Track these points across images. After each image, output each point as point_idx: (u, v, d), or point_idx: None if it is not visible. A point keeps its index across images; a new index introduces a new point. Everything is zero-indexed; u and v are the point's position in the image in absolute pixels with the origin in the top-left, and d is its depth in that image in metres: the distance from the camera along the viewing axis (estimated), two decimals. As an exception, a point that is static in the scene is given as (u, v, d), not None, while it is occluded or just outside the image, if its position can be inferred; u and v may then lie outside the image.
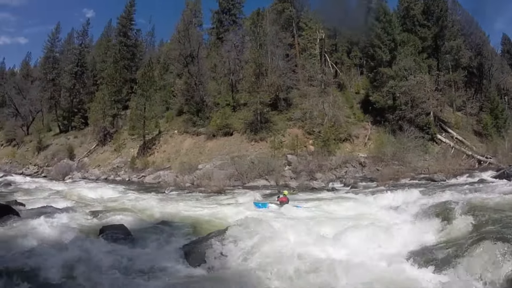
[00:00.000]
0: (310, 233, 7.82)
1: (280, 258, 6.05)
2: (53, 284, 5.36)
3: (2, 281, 5.22)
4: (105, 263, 6.18)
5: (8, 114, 59.84)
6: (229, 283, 5.48)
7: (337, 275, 5.46)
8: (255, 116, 30.37)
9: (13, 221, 9.67)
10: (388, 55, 30.33)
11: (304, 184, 21.25)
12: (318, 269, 5.66)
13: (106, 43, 56.59)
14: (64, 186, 24.60)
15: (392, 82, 29.03)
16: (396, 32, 31.27)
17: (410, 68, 29.25)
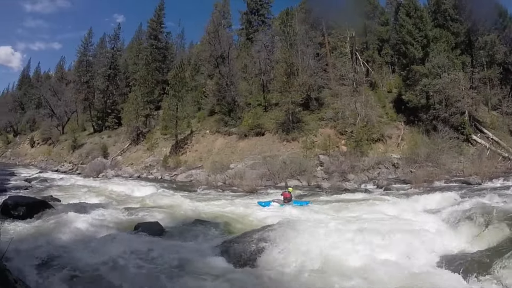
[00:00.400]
0: (345, 235, 7.75)
1: (314, 258, 6.19)
2: (90, 275, 5.58)
3: (42, 271, 5.48)
4: (141, 258, 6.41)
5: (44, 115, 62.90)
6: (266, 281, 5.60)
7: (368, 277, 5.52)
8: (286, 116, 30.19)
9: (49, 216, 10.12)
10: (420, 52, 29.45)
11: (337, 185, 20.91)
12: (351, 271, 5.75)
13: (138, 46, 57.95)
14: (98, 183, 25.13)
15: (425, 80, 28.09)
16: (428, 28, 30.29)
17: (444, 65, 28.23)
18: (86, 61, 56.05)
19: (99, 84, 52.44)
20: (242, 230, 8.78)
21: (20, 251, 6.06)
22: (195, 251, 7.21)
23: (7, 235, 5.58)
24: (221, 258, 6.78)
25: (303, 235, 7.14)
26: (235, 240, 7.56)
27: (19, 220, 9.22)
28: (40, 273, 5.42)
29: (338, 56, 36.36)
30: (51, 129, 58.57)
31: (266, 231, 7.32)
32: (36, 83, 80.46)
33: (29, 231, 8.42)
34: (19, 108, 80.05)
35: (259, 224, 9.36)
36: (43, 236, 7.90)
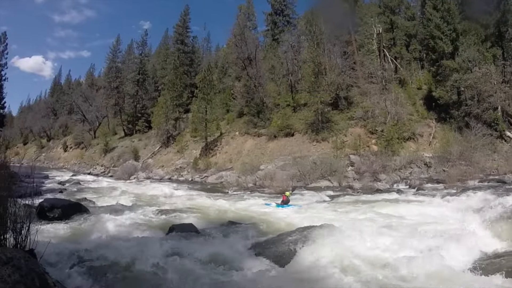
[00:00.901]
0: (379, 236, 7.58)
1: (351, 260, 6.07)
2: (127, 277, 5.60)
3: (79, 273, 5.45)
4: (177, 260, 6.35)
5: (76, 120, 64.90)
6: (302, 283, 5.53)
7: (403, 278, 5.45)
8: (316, 116, 30.01)
9: (84, 217, 10.17)
10: (449, 46, 28.55)
11: (368, 185, 20.58)
12: (385, 272, 5.67)
13: (165, 51, 59.42)
14: (130, 185, 25.36)
15: (456, 76, 27.19)
16: (456, 21, 29.29)
17: (474, 59, 27.28)
18: (115, 67, 57.81)
19: (128, 89, 53.86)
20: (276, 232, 8.64)
21: (56, 253, 6.07)
22: (230, 252, 7.01)
23: (44, 237, 5.43)
24: (257, 259, 6.62)
25: (338, 236, 6.99)
26: (270, 241, 7.43)
27: (55, 222, 9.25)
28: (77, 275, 5.47)
29: (366, 53, 35.75)
30: (83, 134, 60.46)
31: (301, 233, 7.13)
32: (68, 90, 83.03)
33: (65, 233, 8.53)
34: (52, 114, 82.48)
35: (293, 226, 9.23)
36: (79, 237, 8.03)
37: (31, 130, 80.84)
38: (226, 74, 46.74)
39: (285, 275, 5.82)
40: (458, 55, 28.07)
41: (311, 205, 14.58)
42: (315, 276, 5.67)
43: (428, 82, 32.72)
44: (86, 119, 61.03)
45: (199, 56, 60.19)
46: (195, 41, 59.97)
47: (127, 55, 60.08)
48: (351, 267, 5.81)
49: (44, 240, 5.27)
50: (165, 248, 6.93)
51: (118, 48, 60.01)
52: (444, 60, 28.82)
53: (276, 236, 7.71)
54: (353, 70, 35.21)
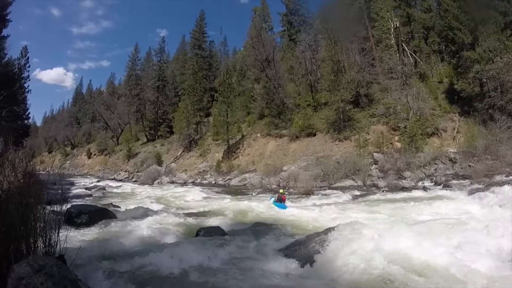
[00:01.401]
0: (408, 236, 7.12)
1: (381, 261, 5.90)
2: (157, 282, 5.59)
3: (109, 279, 5.45)
4: (206, 263, 6.35)
5: (99, 128, 66.30)
6: (332, 284, 5.44)
7: (433, 279, 5.30)
8: (337, 115, 29.82)
9: (111, 223, 10.16)
10: (469, 37, 27.86)
11: (393, 184, 20.11)
12: (422, 275, 5.45)
13: (183, 57, 60.25)
14: (154, 190, 25.69)
15: (477, 67, 26.47)
16: (474, 10, 28.35)
17: (495, 48, 26.46)
18: (135, 75, 58.85)
19: (149, 96, 54.87)
20: (304, 232, 8.44)
21: (85, 258, 6.00)
22: (259, 254, 6.92)
23: (72, 243, 5.42)
24: (286, 261, 6.44)
25: (367, 236, 6.75)
26: (298, 242, 7.18)
27: (83, 228, 9.33)
28: (106, 281, 5.44)
29: (384, 49, 35.07)
30: (106, 141, 61.89)
31: (329, 233, 6.89)
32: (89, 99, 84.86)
33: (93, 239, 8.50)
34: (75, 123, 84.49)
35: (320, 226, 9.02)
36: (107, 243, 7.97)
37: (56, 139, 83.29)
38: (245, 76, 47.00)
39: (314, 277, 5.78)
40: (478, 46, 27.27)
41: (337, 205, 14.38)
42: (346, 277, 5.59)
43: (449, 75, 32.14)
44: (109, 127, 62.48)
45: (217, 60, 60.87)
46: (212, 45, 60.77)
47: (146, 63, 61.11)
48: (381, 268, 5.70)
49: (73, 246, 5.36)
50: (193, 251, 6.89)
51: (136, 56, 61.09)
52: (464, 52, 28.09)
53: (304, 237, 7.55)
54: (372, 67, 34.66)
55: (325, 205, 14.49)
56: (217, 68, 57.03)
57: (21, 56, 31.69)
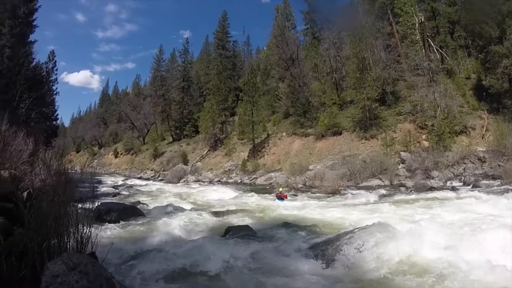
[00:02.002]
0: (441, 237, 6.96)
1: (412, 262, 5.86)
2: (185, 279, 5.62)
3: (141, 276, 5.51)
4: (235, 262, 6.31)
5: (125, 128, 67.55)
6: (360, 284, 5.40)
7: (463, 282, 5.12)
8: (363, 113, 29.58)
9: (140, 220, 10.34)
10: (496, 31, 26.83)
11: (420, 183, 19.65)
12: (454, 278, 5.29)
13: (207, 57, 60.90)
14: (181, 188, 25.86)
15: (506, 62, 25.70)
16: (501, 2, 27.23)
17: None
18: (160, 76, 60.00)
19: (174, 96, 55.80)
20: (332, 231, 8.34)
21: (115, 255, 6.07)
22: (288, 254, 6.82)
23: (102, 240, 5.49)
24: (316, 260, 6.41)
25: (397, 237, 6.58)
26: (328, 242, 7.04)
27: (112, 225, 9.34)
28: (137, 278, 5.49)
29: (409, 45, 34.47)
30: (132, 141, 63.05)
31: (358, 233, 6.75)
32: (116, 100, 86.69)
33: (123, 236, 8.56)
34: (102, 123, 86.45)
35: (348, 225, 8.89)
36: (137, 240, 8.04)
37: (83, 139, 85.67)
38: (269, 75, 47.04)
39: (344, 278, 5.72)
40: (506, 39, 26.34)
41: (364, 205, 14.16)
42: (375, 279, 5.53)
43: (477, 71, 31.28)
44: (135, 127, 63.65)
45: (240, 60, 61.58)
46: (235, 45, 61.42)
47: (170, 64, 61.90)
48: (412, 270, 5.65)
49: (103, 243, 5.45)
50: (223, 250, 6.84)
51: (161, 57, 62.22)
52: (492, 46, 27.23)
53: (332, 236, 7.45)
54: (398, 63, 34.14)
55: (352, 204, 14.41)
56: (241, 67, 57.65)
57: (48, 60, 32.76)
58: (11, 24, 23.11)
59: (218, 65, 49.27)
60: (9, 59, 21.85)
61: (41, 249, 4.00)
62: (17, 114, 17.65)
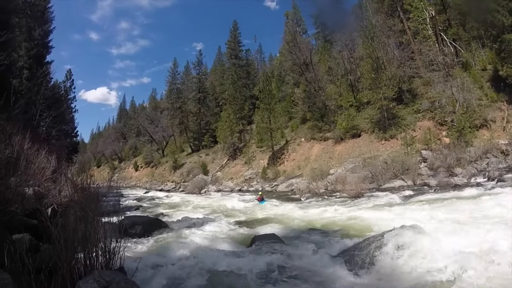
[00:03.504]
0: (478, 237, 6.70)
1: (446, 265, 5.63)
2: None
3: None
4: (264, 272, 6.24)
5: (144, 141, 68.62)
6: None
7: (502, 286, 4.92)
8: (381, 113, 29.37)
9: (165, 233, 10.25)
10: (509, 18, 26.08)
11: (444, 181, 19.45)
12: (490, 280, 5.11)
13: (221, 68, 61.76)
14: (202, 199, 26.05)
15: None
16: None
17: None
18: (176, 89, 60.79)
19: (191, 108, 56.54)
20: (359, 236, 8.32)
21: (144, 269, 5.98)
22: (317, 261, 6.71)
23: (129, 254, 5.54)
24: (344, 266, 6.29)
25: (428, 239, 6.39)
26: (356, 247, 6.98)
27: (137, 239, 9.30)
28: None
29: (422, 40, 33.88)
30: (152, 153, 64.02)
31: (388, 237, 6.60)
32: (133, 114, 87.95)
33: (148, 249, 8.51)
34: (121, 138, 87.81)
35: (375, 229, 8.85)
36: (162, 253, 7.90)
37: (103, 153, 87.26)
38: (284, 81, 47.37)
39: (375, 283, 5.67)
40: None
41: (389, 207, 13.88)
42: (407, 282, 5.43)
43: (493, 61, 30.24)
44: (154, 140, 64.57)
45: (254, 68, 62.40)
46: (248, 54, 62.12)
47: (185, 76, 63.05)
48: (445, 273, 5.47)
49: (130, 257, 5.49)
50: (251, 260, 6.85)
51: (176, 70, 63.10)
52: (505, 35, 26.53)
53: (361, 241, 7.34)
54: (412, 60, 33.68)
55: (377, 207, 14.26)
56: (255, 75, 58.24)
57: (66, 79, 33.71)
58: (28, 46, 23.79)
59: (233, 75, 49.89)
60: (28, 79, 22.47)
61: (70, 266, 4.04)
62: (38, 132, 18.06)
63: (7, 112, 13.16)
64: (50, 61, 26.65)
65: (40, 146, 10.68)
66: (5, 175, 5.82)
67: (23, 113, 17.71)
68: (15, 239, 4.74)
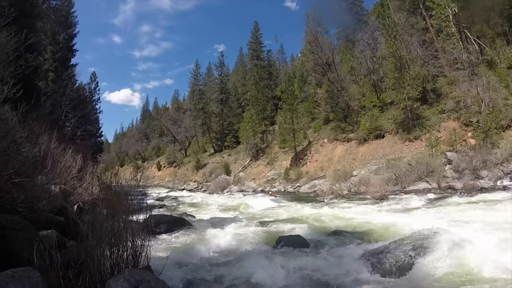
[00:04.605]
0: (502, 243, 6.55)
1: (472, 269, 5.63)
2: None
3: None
4: (289, 273, 6.20)
5: (167, 142, 69.86)
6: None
7: None
8: (405, 114, 28.85)
9: (189, 232, 10.31)
10: None
11: (470, 184, 19.02)
12: None
13: (242, 69, 62.30)
14: (225, 199, 26.06)
15: None
16: None
17: None
18: (198, 90, 61.49)
19: (213, 109, 57.34)
20: (385, 239, 8.07)
21: (170, 268, 5.95)
22: (343, 264, 6.60)
23: (155, 253, 5.53)
24: (373, 270, 6.19)
25: (459, 244, 6.33)
26: (383, 250, 6.83)
27: (162, 237, 9.38)
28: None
29: (446, 38, 33.13)
30: (174, 153, 65.07)
31: (415, 240, 6.55)
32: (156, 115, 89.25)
33: (174, 248, 8.48)
34: (144, 138, 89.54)
35: (401, 233, 8.56)
36: (188, 252, 7.94)
37: (127, 153, 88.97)
38: (306, 82, 47.25)
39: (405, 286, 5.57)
40: None
41: (414, 209, 13.78)
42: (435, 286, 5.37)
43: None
44: (177, 140, 65.65)
45: (276, 68, 62.78)
46: (269, 54, 62.59)
47: (207, 77, 63.48)
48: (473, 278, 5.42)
49: (155, 255, 5.53)
50: (276, 261, 6.77)
51: (198, 72, 63.69)
52: None
53: (388, 243, 7.18)
54: (436, 59, 33.02)
55: (402, 209, 14.18)
56: (277, 76, 58.60)
57: (90, 81, 35.01)
58: (53, 49, 24.74)
59: (255, 76, 50.14)
60: (53, 81, 23.26)
61: (99, 264, 4.04)
62: (64, 132, 18.66)
63: (35, 113, 13.74)
64: (74, 64, 27.71)
65: (66, 145, 11.03)
66: (32, 173, 5.94)
67: (49, 114, 18.27)
68: (42, 235, 4.88)
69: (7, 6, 8.48)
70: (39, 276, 3.30)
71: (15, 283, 3.10)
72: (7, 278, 3.10)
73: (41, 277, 3.33)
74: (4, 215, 4.30)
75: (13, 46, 5.74)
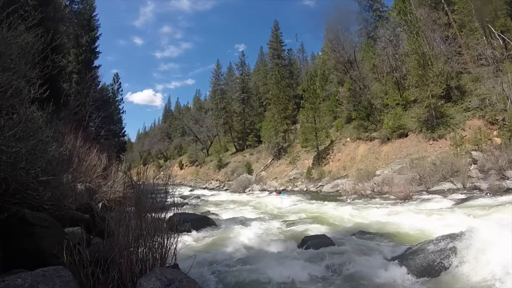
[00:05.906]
0: None
1: (508, 272, 5.40)
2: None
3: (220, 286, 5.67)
4: (316, 274, 6.25)
5: (189, 141, 70.79)
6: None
7: None
8: (428, 112, 28.37)
9: (213, 230, 10.61)
10: None
11: (495, 185, 18.62)
12: None
13: (263, 68, 62.30)
14: (247, 197, 26.51)
15: None
16: None
17: None
18: (219, 90, 62.19)
19: (235, 108, 57.68)
20: (413, 240, 8.24)
21: (197, 267, 6.03)
22: (371, 264, 6.61)
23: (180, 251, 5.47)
24: (401, 272, 6.14)
25: (491, 246, 6.12)
26: (412, 251, 6.86)
27: (187, 236, 9.41)
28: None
29: (469, 33, 32.46)
30: (197, 153, 65.87)
31: (444, 241, 6.45)
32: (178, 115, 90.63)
33: (199, 247, 8.64)
34: (167, 137, 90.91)
35: (428, 234, 8.70)
36: (212, 250, 8.09)
37: (149, 152, 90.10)
38: (328, 80, 47.00)
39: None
40: None
41: (440, 210, 13.57)
42: None
43: None
44: (198, 139, 66.41)
45: (297, 67, 62.75)
46: (290, 53, 62.84)
47: (228, 77, 63.96)
48: (504, 281, 5.26)
49: (181, 254, 5.50)
50: (302, 261, 6.84)
51: (219, 72, 64.37)
52: None
53: (416, 245, 7.19)
54: (459, 55, 32.29)
55: (427, 210, 13.89)
56: (298, 75, 58.56)
57: (113, 82, 36.12)
58: (76, 52, 25.53)
59: (276, 75, 50.13)
60: (77, 83, 24.11)
61: (130, 262, 4.05)
62: (88, 132, 19.19)
63: (61, 113, 14.28)
64: (97, 66, 28.69)
65: (90, 145, 11.46)
66: (59, 171, 6.02)
67: (74, 114, 18.96)
68: (68, 232, 5.03)
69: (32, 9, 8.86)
70: (70, 275, 3.34)
71: (47, 282, 3.09)
72: (38, 277, 3.11)
73: (72, 276, 3.38)
74: (32, 213, 4.45)
75: (39, 47, 6.04)
